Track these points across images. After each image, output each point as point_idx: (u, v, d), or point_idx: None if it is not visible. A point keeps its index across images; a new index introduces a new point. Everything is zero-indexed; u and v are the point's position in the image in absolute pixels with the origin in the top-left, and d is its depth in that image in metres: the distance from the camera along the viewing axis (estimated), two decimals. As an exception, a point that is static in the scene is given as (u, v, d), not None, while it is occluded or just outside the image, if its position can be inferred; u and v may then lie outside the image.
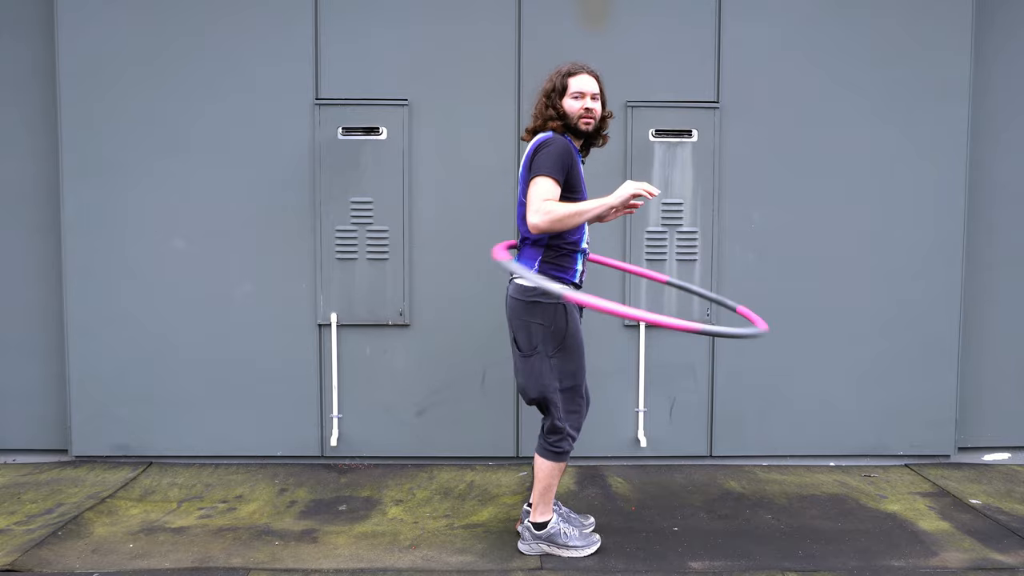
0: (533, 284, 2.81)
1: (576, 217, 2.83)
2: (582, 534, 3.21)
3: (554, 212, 2.81)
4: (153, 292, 4.15)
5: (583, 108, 3.01)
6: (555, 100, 3.03)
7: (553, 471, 3.10)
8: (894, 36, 4.19)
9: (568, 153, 2.94)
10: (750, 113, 4.18)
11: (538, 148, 2.95)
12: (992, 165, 4.31)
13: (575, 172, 2.98)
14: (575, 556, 3.15)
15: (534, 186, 2.87)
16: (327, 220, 4.11)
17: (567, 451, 3.09)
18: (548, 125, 3.02)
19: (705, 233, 4.19)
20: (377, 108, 4.09)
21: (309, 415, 4.21)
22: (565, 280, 3.02)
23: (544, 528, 3.15)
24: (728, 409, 4.28)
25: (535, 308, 2.99)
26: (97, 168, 4.10)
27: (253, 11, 4.09)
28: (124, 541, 3.29)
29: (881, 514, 3.65)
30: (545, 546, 3.16)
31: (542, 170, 2.87)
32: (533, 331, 3.01)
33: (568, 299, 2.83)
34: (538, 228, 2.84)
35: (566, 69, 3.06)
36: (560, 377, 3.03)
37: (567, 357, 3.03)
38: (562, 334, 3.00)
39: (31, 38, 4.14)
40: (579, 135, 3.07)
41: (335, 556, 3.16)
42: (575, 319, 3.05)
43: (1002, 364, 4.39)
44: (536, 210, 2.83)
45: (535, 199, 2.84)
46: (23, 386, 4.26)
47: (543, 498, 3.13)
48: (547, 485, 3.11)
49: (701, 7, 4.16)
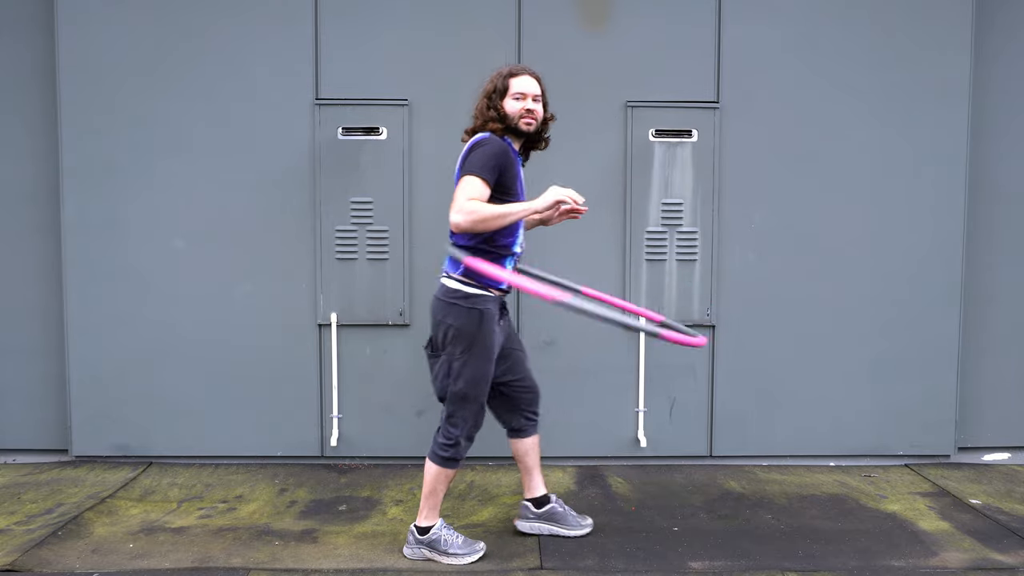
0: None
1: (500, 219, 2.83)
2: (465, 542, 3.14)
3: (477, 212, 2.80)
4: (153, 292, 4.15)
5: (524, 109, 3.00)
6: (496, 101, 3.01)
7: (440, 476, 3.06)
8: (894, 37, 4.19)
9: (503, 154, 2.93)
10: (750, 113, 4.18)
11: (472, 148, 2.95)
12: (992, 165, 4.31)
13: (510, 174, 2.96)
14: (455, 564, 3.08)
15: (461, 185, 2.87)
16: (327, 220, 4.11)
17: (456, 459, 3.05)
18: (488, 126, 3.01)
19: (705, 233, 4.19)
20: (377, 108, 4.09)
21: (309, 415, 4.21)
22: (490, 285, 3.00)
23: (426, 533, 3.11)
24: (728, 409, 4.28)
25: (451, 309, 2.98)
26: (97, 168, 4.10)
27: (253, 11, 4.09)
28: (124, 541, 3.29)
29: (881, 514, 3.65)
30: (427, 551, 3.12)
31: (472, 169, 2.87)
32: (444, 331, 3.01)
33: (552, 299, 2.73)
34: (460, 227, 2.83)
35: (507, 70, 3.05)
36: (460, 382, 3.00)
37: (471, 362, 2.99)
38: (471, 338, 2.98)
39: (31, 38, 4.14)
40: (520, 136, 3.06)
41: (335, 556, 3.16)
42: (490, 328, 3.01)
43: (1002, 364, 4.39)
44: (459, 209, 2.81)
45: (460, 198, 2.84)
46: (23, 386, 4.26)
47: (427, 502, 3.09)
48: (432, 490, 3.08)
49: (701, 7, 4.16)
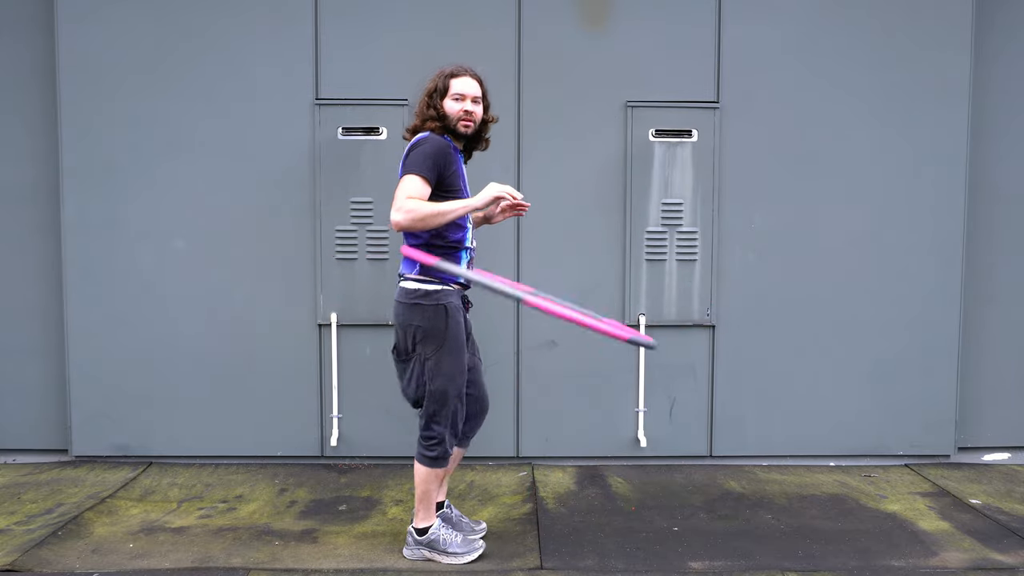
0: (473, 280, 2.92)
1: (439, 217, 2.86)
2: (464, 540, 3.15)
3: (416, 211, 2.84)
4: (153, 292, 4.14)
5: (463, 110, 3.01)
6: (436, 100, 3.02)
7: (428, 477, 3.06)
8: (894, 37, 4.19)
9: (442, 153, 2.95)
10: (750, 113, 4.18)
11: (412, 147, 2.97)
12: (992, 165, 4.31)
13: (451, 172, 2.98)
14: (455, 563, 3.09)
15: (401, 184, 2.91)
16: (327, 220, 4.11)
17: (441, 456, 3.05)
18: (427, 125, 3.02)
19: (705, 233, 4.19)
20: (377, 108, 4.09)
21: (309, 415, 4.21)
22: (446, 281, 3.01)
23: (424, 534, 3.12)
24: (728, 409, 4.28)
25: (415, 310, 2.98)
26: (97, 168, 4.09)
27: (253, 11, 4.09)
28: (124, 541, 3.29)
29: (881, 514, 3.65)
30: (426, 551, 3.12)
31: (411, 168, 2.90)
32: (411, 334, 3.00)
33: (529, 303, 2.84)
34: (400, 225, 2.87)
35: (449, 70, 3.05)
36: (435, 381, 3.00)
37: (445, 359, 3.00)
38: (441, 336, 2.98)
39: (31, 38, 4.13)
40: (459, 138, 3.07)
41: (335, 556, 3.16)
42: (456, 321, 3.02)
43: (1002, 364, 4.39)
44: (398, 208, 2.86)
45: (399, 197, 2.87)
46: (23, 386, 4.26)
47: (422, 504, 3.10)
48: (424, 491, 3.08)
49: (701, 7, 4.16)
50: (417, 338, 2.99)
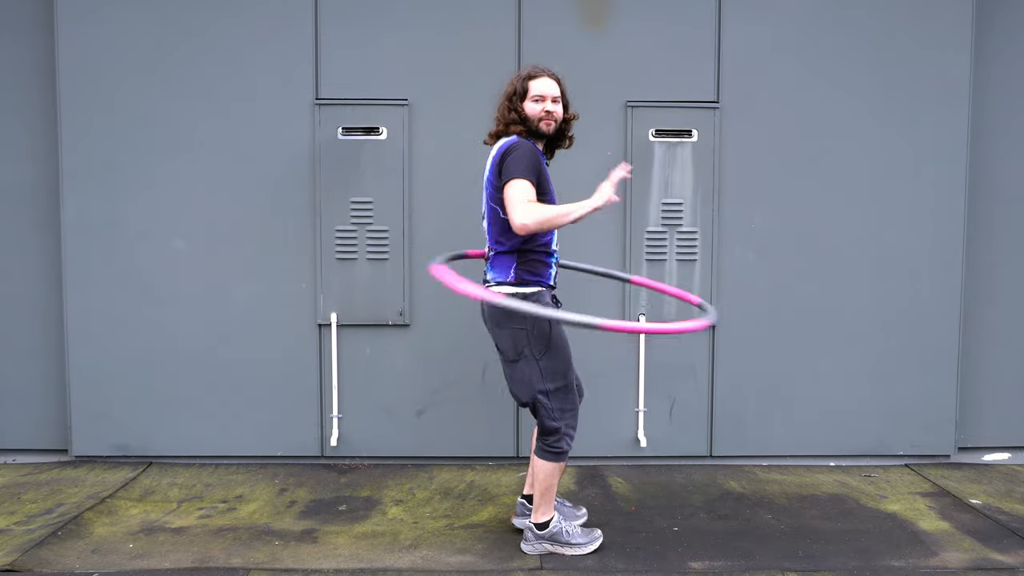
0: (514, 308, 2.74)
1: (562, 218, 2.86)
2: (584, 531, 3.21)
3: (543, 213, 2.83)
4: (153, 292, 4.15)
5: (543, 111, 3.04)
6: (516, 103, 3.05)
7: (553, 471, 3.10)
8: (894, 37, 4.19)
9: (536, 155, 2.97)
10: (750, 113, 4.18)
11: (505, 152, 2.97)
12: (992, 166, 4.31)
13: (544, 175, 3.00)
14: (578, 554, 3.15)
15: (512, 189, 2.88)
16: (327, 220, 4.11)
17: (565, 450, 3.08)
18: (511, 129, 3.05)
19: (705, 233, 4.19)
20: (377, 108, 4.09)
21: (309, 415, 4.21)
22: (542, 283, 3.05)
23: (546, 528, 3.15)
24: (728, 409, 4.28)
25: (515, 314, 2.98)
26: (97, 168, 4.09)
27: (253, 11, 4.09)
28: (124, 541, 3.29)
29: (881, 514, 3.65)
30: (548, 545, 3.17)
31: (516, 173, 2.90)
32: (517, 336, 3.01)
33: (548, 316, 2.81)
34: (527, 228, 2.84)
35: (526, 72, 3.08)
36: (550, 378, 3.03)
37: (555, 357, 3.03)
38: (547, 336, 3.01)
39: (31, 38, 4.13)
40: (541, 138, 3.09)
41: (335, 556, 3.16)
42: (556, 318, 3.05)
43: (1002, 364, 4.39)
44: (524, 211, 2.83)
45: (518, 201, 2.85)
46: (23, 386, 4.26)
47: (543, 499, 3.13)
48: (548, 486, 3.11)
49: (701, 7, 4.16)
50: (524, 340, 3.01)
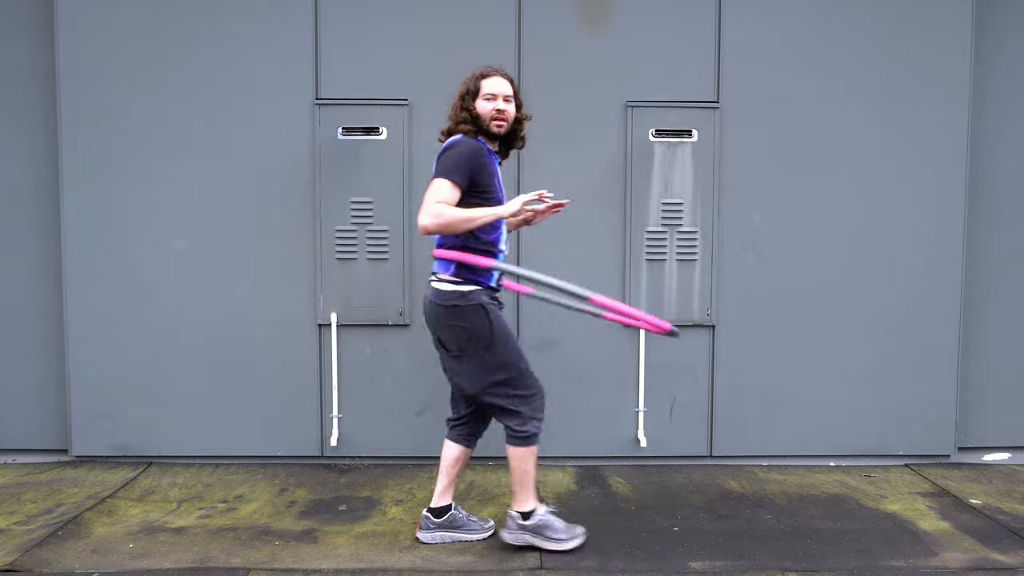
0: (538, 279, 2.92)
1: (467, 223, 2.90)
2: (567, 526, 3.19)
3: (444, 216, 2.87)
4: (153, 292, 4.15)
5: (494, 109, 3.05)
6: (469, 102, 3.07)
7: (524, 456, 3.08)
8: (894, 36, 4.19)
9: (475, 155, 2.97)
10: (750, 113, 4.18)
11: (444, 150, 3.00)
12: (992, 165, 4.31)
13: (484, 173, 3.00)
14: (558, 548, 3.13)
15: (430, 188, 2.94)
16: (327, 220, 4.11)
17: (534, 433, 3.07)
18: (460, 127, 3.06)
19: (705, 233, 4.19)
20: (377, 108, 4.09)
21: (309, 415, 4.21)
22: (480, 283, 3.04)
23: (529, 518, 3.14)
24: (728, 409, 4.28)
25: (455, 312, 3.00)
26: (97, 168, 4.09)
27: (253, 11, 4.09)
28: (124, 541, 3.29)
29: (881, 514, 3.65)
30: (530, 537, 3.15)
31: (441, 172, 2.94)
32: (458, 333, 3.03)
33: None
34: (427, 230, 2.90)
35: (479, 72, 3.10)
36: (499, 370, 3.04)
37: (498, 351, 3.03)
38: (488, 333, 3.01)
39: (31, 38, 4.13)
40: (492, 137, 3.10)
41: (335, 556, 3.16)
42: (496, 314, 3.05)
43: (1002, 364, 4.39)
44: (427, 211, 2.89)
45: (428, 201, 2.91)
46: (23, 386, 4.26)
47: (521, 486, 3.12)
48: (522, 472, 3.10)
49: (701, 7, 4.16)
50: (466, 339, 3.02)
